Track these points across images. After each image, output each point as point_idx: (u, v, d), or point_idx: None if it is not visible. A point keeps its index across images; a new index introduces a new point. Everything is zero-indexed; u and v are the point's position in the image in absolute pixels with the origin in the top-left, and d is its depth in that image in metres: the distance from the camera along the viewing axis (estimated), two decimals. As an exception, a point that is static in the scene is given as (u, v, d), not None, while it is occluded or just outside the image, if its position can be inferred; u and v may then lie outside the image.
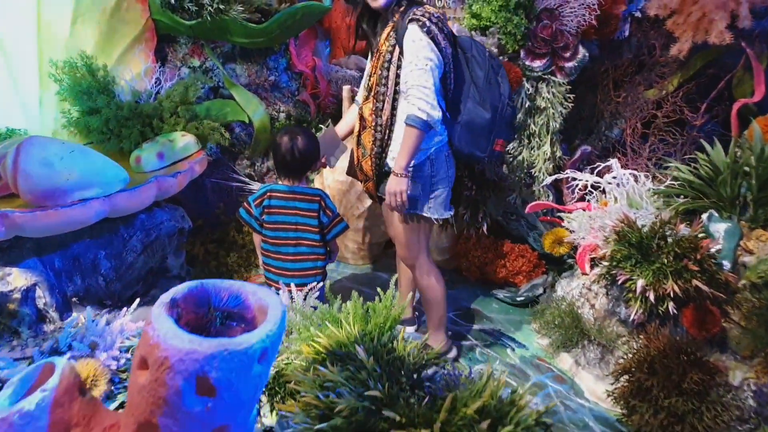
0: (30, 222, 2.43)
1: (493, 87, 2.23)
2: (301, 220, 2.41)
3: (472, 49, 2.26)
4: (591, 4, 2.52)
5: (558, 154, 2.78)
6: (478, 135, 2.23)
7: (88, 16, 3.33)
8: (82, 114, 3.24)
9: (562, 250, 2.77)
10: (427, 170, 2.26)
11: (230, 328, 1.01)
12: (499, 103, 2.22)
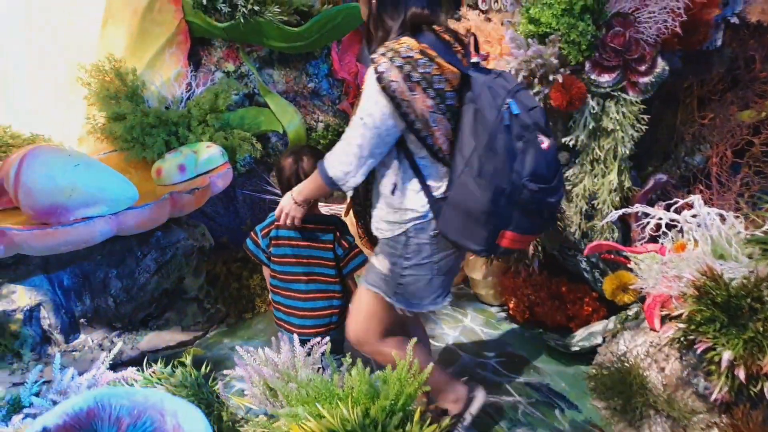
0: (29, 240, 2.23)
1: (499, 158, 1.60)
2: (314, 253, 2.10)
3: (480, 98, 1.64)
4: (676, 8, 2.10)
5: (627, 184, 2.36)
6: (472, 221, 1.66)
7: (119, 18, 3.16)
8: (108, 120, 3.06)
9: (626, 298, 2.35)
10: (399, 248, 1.78)
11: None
12: (507, 184, 1.61)
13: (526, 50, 2.23)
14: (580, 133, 2.34)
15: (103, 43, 3.14)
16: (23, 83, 3.04)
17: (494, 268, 2.90)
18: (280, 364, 1.58)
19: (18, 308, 2.49)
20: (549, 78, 2.26)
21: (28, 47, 3.02)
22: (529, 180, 1.64)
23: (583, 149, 2.39)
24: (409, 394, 1.39)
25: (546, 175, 1.68)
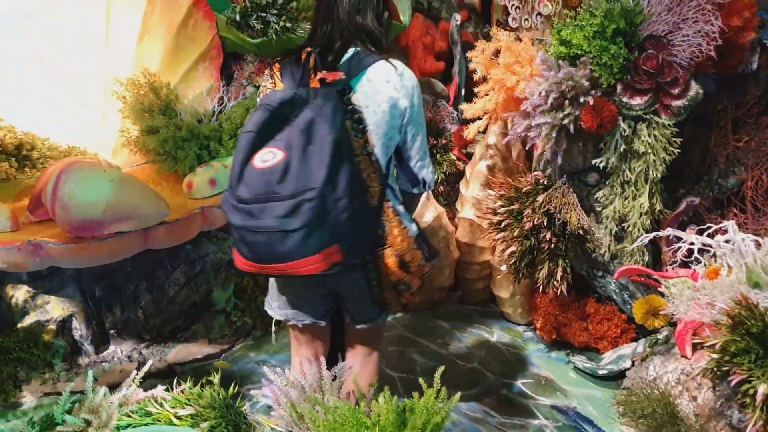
0: (64, 254, 2.28)
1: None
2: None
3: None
4: (711, 32, 2.07)
5: (658, 207, 2.33)
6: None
7: (155, 33, 3.23)
8: (141, 133, 3.12)
9: (656, 323, 2.32)
10: None
11: None
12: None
13: (557, 72, 2.22)
14: (611, 156, 2.32)
15: (138, 58, 3.20)
16: (63, 96, 3.12)
17: (521, 287, 2.89)
18: (307, 387, 1.59)
19: (51, 319, 2.55)
20: (580, 100, 2.25)
21: (68, 62, 3.10)
22: (232, 198, 1.49)
23: (613, 171, 2.37)
24: (437, 424, 1.39)
25: (246, 196, 1.46)
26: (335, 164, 1.44)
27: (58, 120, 3.11)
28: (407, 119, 1.67)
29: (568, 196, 2.41)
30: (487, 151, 2.99)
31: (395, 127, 1.65)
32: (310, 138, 1.47)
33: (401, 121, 1.66)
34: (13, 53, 2.99)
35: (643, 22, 2.21)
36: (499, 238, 2.56)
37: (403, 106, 1.63)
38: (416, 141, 1.72)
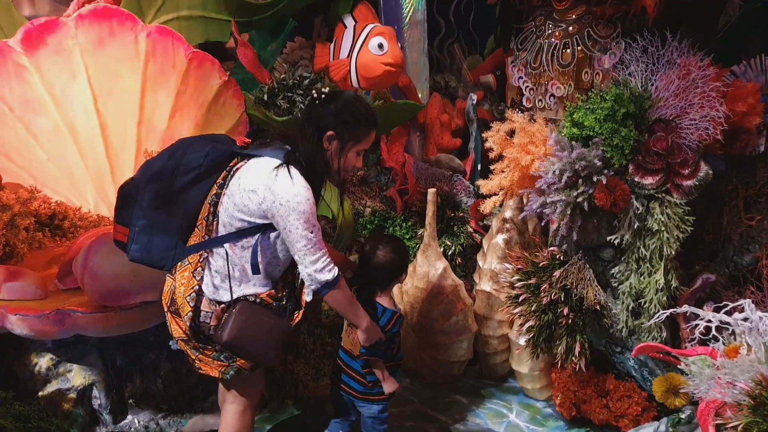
0: (90, 323, 2.35)
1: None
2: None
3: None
4: (716, 117, 2.16)
5: (674, 284, 2.36)
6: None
7: (186, 111, 3.40)
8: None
9: (677, 402, 2.30)
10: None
11: None
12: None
13: (570, 152, 2.31)
14: (625, 233, 2.37)
15: (169, 133, 3.36)
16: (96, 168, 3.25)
17: (540, 362, 2.87)
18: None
19: (72, 387, 2.59)
20: (593, 179, 2.33)
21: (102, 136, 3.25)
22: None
23: (628, 248, 2.41)
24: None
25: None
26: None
27: (91, 192, 3.25)
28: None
29: (584, 271, 2.45)
30: (503, 224, 3.05)
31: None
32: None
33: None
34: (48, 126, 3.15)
35: (652, 107, 2.31)
36: (517, 312, 2.59)
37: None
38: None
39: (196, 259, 1.99)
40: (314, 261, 1.91)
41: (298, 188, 1.87)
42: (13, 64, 3.05)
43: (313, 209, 1.90)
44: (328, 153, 1.97)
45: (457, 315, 2.98)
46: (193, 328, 1.98)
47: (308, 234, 1.88)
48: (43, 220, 3.02)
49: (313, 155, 1.94)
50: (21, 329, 2.32)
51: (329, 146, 1.96)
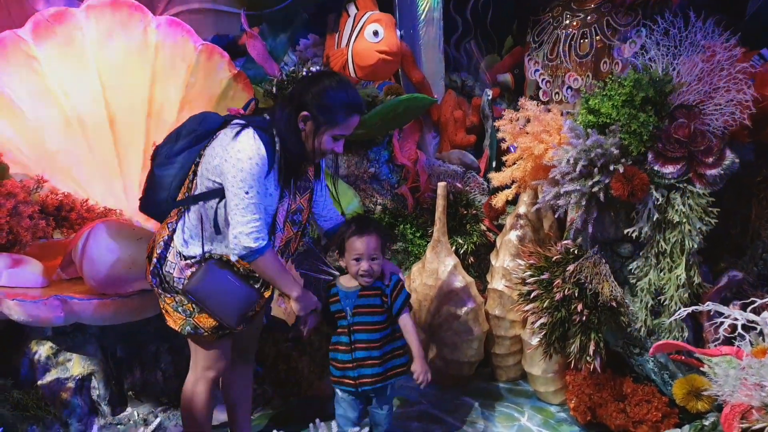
0: (87, 310, 2.30)
1: None
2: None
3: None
4: (743, 101, 2.04)
5: (696, 280, 2.22)
6: None
7: (195, 104, 3.35)
8: (175, 198, 3.19)
9: (699, 405, 2.16)
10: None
11: None
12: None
13: (586, 139, 2.20)
14: (644, 225, 2.25)
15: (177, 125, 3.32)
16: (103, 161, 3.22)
17: (554, 364, 2.75)
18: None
19: (71, 377, 2.53)
20: (609, 168, 2.21)
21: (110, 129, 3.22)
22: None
23: (647, 241, 2.29)
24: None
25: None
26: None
27: (98, 184, 3.22)
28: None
29: (600, 266, 2.32)
30: (517, 221, 2.94)
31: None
32: None
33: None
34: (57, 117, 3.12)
35: (673, 92, 2.19)
36: (529, 309, 2.47)
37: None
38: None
39: (174, 213, 2.09)
40: (243, 223, 1.90)
41: (247, 148, 1.89)
42: (23, 54, 3.03)
43: (256, 173, 1.89)
44: (303, 133, 1.99)
45: (467, 313, 2.87)
46: (157, 275, 2.06)
47: (242, 193, 1.89)
48: (50, 211, 2.99)
49: (286, 132, 1.97)
50: (18, 315, 2.27)
51: (304, 126, 1.98)
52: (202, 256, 2.01)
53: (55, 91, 3.13)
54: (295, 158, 2.00)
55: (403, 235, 3.45)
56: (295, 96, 2.00)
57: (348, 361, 2.25)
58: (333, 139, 2.00)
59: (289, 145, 1.96)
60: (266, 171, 1.93)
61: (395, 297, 2.26)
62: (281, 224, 2.07)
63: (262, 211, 1.94)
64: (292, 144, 1.97)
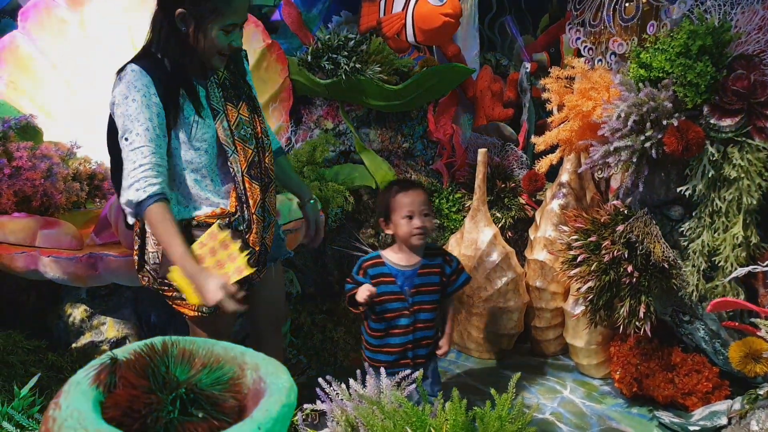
0: (122, 267, 2.26)
1: None
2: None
3: None
4: (808, 46, 1.94)
5: (753, 240, 2.12)
6: None
7: (230, 73, 3.32)
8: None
9: (758, 368, 2.04)
10: None
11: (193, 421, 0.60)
12: None
13: (637, 93, 2.11)
14: (698, 183, 2.15)
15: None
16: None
17: (598, 335, 2.65)
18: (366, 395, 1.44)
19: (105, 339, 2.50)
20: (662, 123, 2.12)
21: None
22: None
23: (700, 200, 2.19)
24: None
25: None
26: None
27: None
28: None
29: (650, 226, 2.22)
30: (559, 189, 2.85)
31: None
32: None
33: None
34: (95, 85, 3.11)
35: (732, 41, 2.09)
36: (574, 275, 2.37)
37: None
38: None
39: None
40: (125, 174, 1.58)
41: (121, 86, 1.61)
42: (57, 18, 3.02)
43: (133, 109, 1.58)
44: (189, 38, 1.64)
45: (506, 284, 2.79)
46: (147, 270, 1.84)
47: (122, 141, 1.59)
48: (83, 179, 2.98)
49: (165, 43, 1.65)
50: (54, 272, 2.25)
51: (186, 27, 1.63)
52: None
53: (89, 56, 3.11)
54: (181, 68, 1.67)
55: (438, 210, 3.37)
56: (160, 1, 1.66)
57: (407, 343, 2.09)
58: (225, 33, 1.65)
59: (171, 54, 1.64)
60: (148, 100, 1.59)
61: (455, 278, 2.15)
62: (230, 146, 1.72)
63: (150, 153, 1.58)
64: (174, 52, 1.64)
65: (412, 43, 3.25)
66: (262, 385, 0.61)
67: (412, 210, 2.02)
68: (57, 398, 0.56)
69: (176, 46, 1.64)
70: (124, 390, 0.60)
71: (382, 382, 1.50)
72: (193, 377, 0.61)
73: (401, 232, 2.04)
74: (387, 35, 3.20)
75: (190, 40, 1.64)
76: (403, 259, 2.09)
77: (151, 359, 0.63)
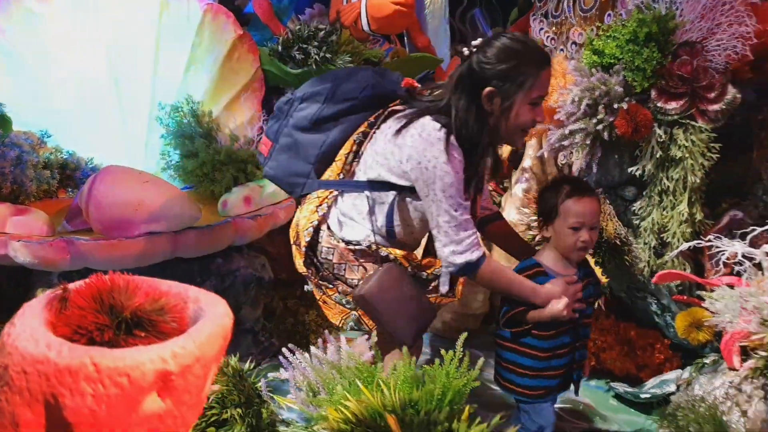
0: (94, 251, 2.31)
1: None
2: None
3: None
4: (745, 33, 2.05)
5: (698, 216, 2.24)
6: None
7: (201, 65, 3.38)
8: (181, 157, 3.21)
9: (700, 336, 2.17)
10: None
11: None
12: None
13: (590, 77, 2.21)
14: (647, 163, 2.27)
15: (184, 87, 3.34)
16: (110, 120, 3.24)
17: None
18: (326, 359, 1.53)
19: (79, 323, 2.55)
20: (614, 106, 2.23)
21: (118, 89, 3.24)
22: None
23: (650, 180, 2.30)
24: (458, 390, 1.31)
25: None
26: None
27: (104, 143, 3.24)
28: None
29: (604, 205, 2.34)
30: (522, 174, 2.95)
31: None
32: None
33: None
34: (65, 77, 3.13)
35: (676, 29, 2.20)
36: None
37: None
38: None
39: (325, 195, 1.81)
40: (457, 242, 1.64)
41: (448, 157, 1.60)
42: (26, 11, 3.04)
43: (459, 185, 1.62)
44: (491, 117, 1.64)
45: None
46: (312, 264, 1.84)
47: (452, 211, 1.62)
48: (54, 168, 3.01)
49: (470, 125, 1.62)
50: (24, 257, 2.28)
51: (491, 107, 1.63)
52: (368, 247, 1.75)
53: (59, 48, 3.14)
54: (479, 154, 1.67)
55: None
56: (464, 77, 1.64)
57: (570, 363, 1.87)
58: (532, 106, 1.64)
59: (476, 137, 1.62)
60: (460, 176, 1.63)
61: (597, 284, 1.97)
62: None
63: (472, 223, 1.68)
64: (478, 135, 1.63)
65: (367, 32, 3.33)
66: (201, 314, 0.69)
67: (582, 222, 1.75)
68: (12, 319, 0.63)
69: (476, 128, 1.63)
70: (74, 311, 0.68)
71: (342, 347, 1.58)
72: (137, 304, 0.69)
73: (563, 242, 1.78)
74: (345, 24, 3.28)
75: (493, 119, 1.65)
76: (562, 267, 1.83)
77: (99, 289, 0.70)
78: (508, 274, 1.75)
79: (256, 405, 1.50)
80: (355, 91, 1.80)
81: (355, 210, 1.77)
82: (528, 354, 1.84)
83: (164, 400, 0.59)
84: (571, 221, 1.74)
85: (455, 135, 1.62)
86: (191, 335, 0.61)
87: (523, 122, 1.65)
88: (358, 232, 1.76)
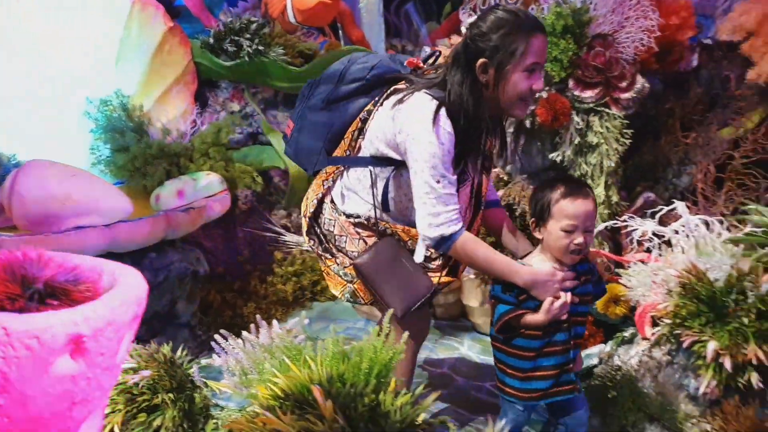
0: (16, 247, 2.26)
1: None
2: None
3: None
4: (650, 26, 2.20)
5: (614, 199, 2.38)
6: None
7: (131, 57, 3.33)
8: (112, 151, 3.16)
9: (617, 310, 2.31)
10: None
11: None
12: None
13: (511, 68, 2.31)
14: (567, 149, 2.39)
15: (114, 81, 3.28)
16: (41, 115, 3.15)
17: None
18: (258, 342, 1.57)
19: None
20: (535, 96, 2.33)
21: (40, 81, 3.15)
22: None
23: (570, 166, 2.43)
24: (384, 363, 1.37)
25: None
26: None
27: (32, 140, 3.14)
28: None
29: (527, 190, 2.45)
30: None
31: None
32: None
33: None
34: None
35: (591, 22, 2.34)
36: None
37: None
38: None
39: (332, 170, 1.88)
40: (435, 214, 1.64)
41: (436, 129, 1.61)
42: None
43: (447, 158, 1.63)
44: (487, 88, 1.66)
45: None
46: (315, 234, 1.91)
47: (433, 182, 1.62)
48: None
49: (465, 96, 1.64)
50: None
51: (486, 77, 1.64)
52: (368, 219, 1.81)
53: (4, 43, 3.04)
54: (477, 128, 1.68)
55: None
56: (460, 52, 1.67)
57: (565, 363, 1.77)
58: (526, 76, 1.63)
59: (471, 110, 1.64)
60: (451, 152, 1.64)
61: (599, 281, 1.88)
62: (463, 209, 1.79)
63: (456, 197, 1.67)
64: (473, 108, 1.64)
65: (293, 23, 3.36)
66: (115, 285, 0.72)
67: (576, 224, 1.65)
68: None
69: (472, 99, 1.64)
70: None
71: (274, 330, 1.62)
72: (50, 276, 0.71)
73: (555, 244, 1.68)
74: (272, 16, 3.30)
75: (489, 90, 1.65)
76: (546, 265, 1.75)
77: (10, 261, 0.72)
78: (487, 252, 1.70)
79: (189, 390, 1.52)
80: (363, 71, 1.86)
81: (359, 184, 1.82)
82: (515, 354, 1.77)
83: (77, 362, 0.62)
84: (564, 223, 1.65)
85: (450, 108, 1.64)
86: (103, 300, 0.64)
87: (520, 91, 1.64)
88: (359, 205, 1.83)
